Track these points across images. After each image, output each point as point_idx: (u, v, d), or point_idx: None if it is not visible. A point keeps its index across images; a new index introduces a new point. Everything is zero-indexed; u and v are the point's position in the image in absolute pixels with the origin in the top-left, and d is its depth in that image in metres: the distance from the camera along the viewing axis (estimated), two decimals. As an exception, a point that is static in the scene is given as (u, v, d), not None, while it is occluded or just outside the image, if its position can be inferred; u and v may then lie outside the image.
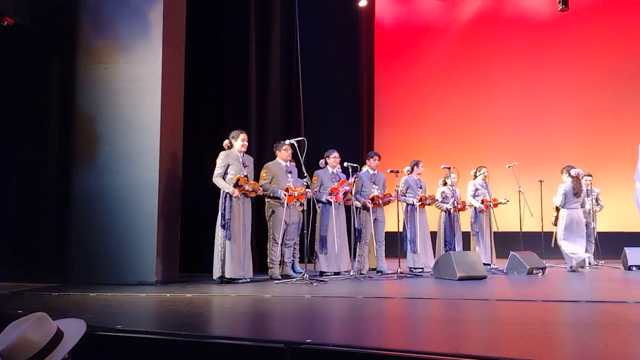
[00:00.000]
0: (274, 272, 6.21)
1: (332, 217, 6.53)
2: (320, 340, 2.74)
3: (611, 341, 2.87)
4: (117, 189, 5.59)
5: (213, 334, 3.02)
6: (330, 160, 6.78)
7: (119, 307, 4.00)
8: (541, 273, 6.85)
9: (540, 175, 8.92)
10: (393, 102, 12.09)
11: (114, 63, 5.78)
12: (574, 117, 11.14)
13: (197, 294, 4.72)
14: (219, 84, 7.32)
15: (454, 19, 12.13)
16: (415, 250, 7.23)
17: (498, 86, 11.68)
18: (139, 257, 5.47)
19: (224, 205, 5.65)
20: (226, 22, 7.43)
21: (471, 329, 3.21)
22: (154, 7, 5.77)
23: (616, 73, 11.20)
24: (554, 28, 11.62)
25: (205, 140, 6.89)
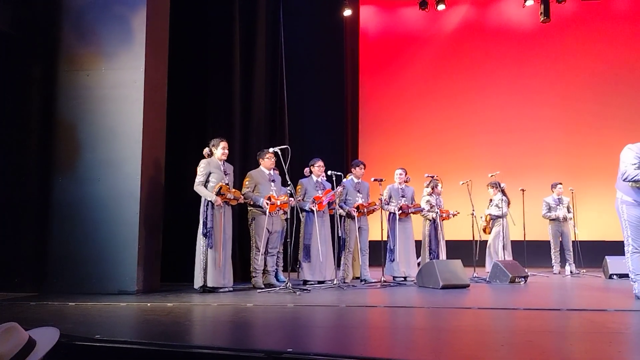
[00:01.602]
0: (256, 281, 6.17)
1: (316, 225, 6.52)
2: (301, 349, 2.71)
3: (591, 349, 2.88)
4: (98, 196, 5.53)
5: (193, 344, 2.99)
6: (314, 169, 6.78)
7: (99, 317, 3.94)
8: (523, 282, 6.88)
9: (522, 185, 8.99)
10: (377, 111, 12.14)
11: (96, 70, 5.73)
12: (555, 127, 11.28)
13: (178, 303, 4.67)
14: (203, 92, 7.30)
15: (438, 29, 12.25)
16: (393, 259, 7.21)
17: (481, 96, 11.80)
18: (119, 266, 5.40)
19: (205, 214, 5.61)
20: (210, 30, 7.42)
21: (453, 337, 3.20)
22: (137, 14, 5.74)
23: (597, 84, 11.38)
24: (536, 39, 11.79)
25: (188, 148, 6.85)
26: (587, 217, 9.77)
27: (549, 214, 8.93)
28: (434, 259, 7.40)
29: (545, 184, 9.33)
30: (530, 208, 9.08)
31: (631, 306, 4.48)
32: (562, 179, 9.19)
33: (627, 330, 3.43)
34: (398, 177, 7.53)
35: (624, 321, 3.82)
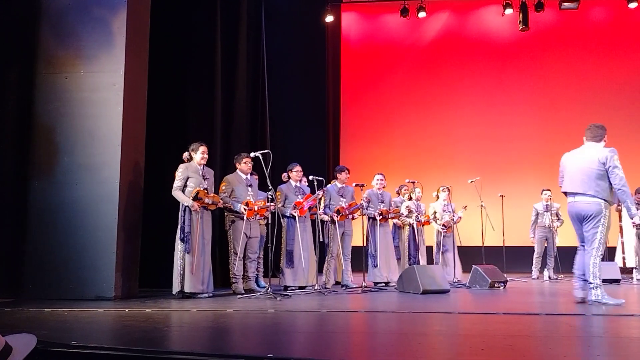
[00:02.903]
0: (237, 286, 6.13)
1: (298, 231, 6.50)
2: (282, 354, 2.69)
3: (570, 353, 2.91)
4: (76, 201, 5.45)
5: (171, 350, 2.94)
6: (292, 174, 6.76)
7: (75, 323, 3.87)
8: (502, 286, 6.94)
9: (501, 190, 9.09)
10: (359, 117, 12.18)
11: (75, 73, 5.66)
12: (534, 134, 11.41)
13: (156, 309, 4.61)
14: (184, 96, 7.24)
15: (419, 37, 12.35)
16: (376, 264, 7.23)
17: (461, 103, 11.90)
18: (97, 271, 5.32)
19: (183, 219, 5.56)
20: (192, 34, 7.38)
21: (434, 342, 3.21)
22: (117, 17, 5.69)
23: (575, 92, 11.56)
24: (515, 47, 11.95)
25: (168, 153, 6.79)
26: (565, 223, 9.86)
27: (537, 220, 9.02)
28: (414, 264, 7.43)
29: (524, 190, 9.45)
30: (509, 214, 9.17)
31: (609, 311, 4.53)
32: (541, 185, 9.29)
33: (605, 335, 3.47)
34: (378, 183, 7.55)
35: (601, 325, 3.87)
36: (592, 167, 4.94)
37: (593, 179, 4.93)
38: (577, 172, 5.03)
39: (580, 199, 5.00)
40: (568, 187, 5.11)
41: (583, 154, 5.10)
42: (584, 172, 4.98)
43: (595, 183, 4.92)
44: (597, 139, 5.11)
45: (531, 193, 9.54)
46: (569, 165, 5.17)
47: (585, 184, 4.95)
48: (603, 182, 4.92)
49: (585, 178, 4.96)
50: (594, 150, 5.04)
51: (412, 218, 7.76)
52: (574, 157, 5.15)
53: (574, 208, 5.06)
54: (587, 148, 5.12)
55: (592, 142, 5.12)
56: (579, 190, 4.99)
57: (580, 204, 5.00)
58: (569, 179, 5.11)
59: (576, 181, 5.02)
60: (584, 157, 5.05)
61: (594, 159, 4.96)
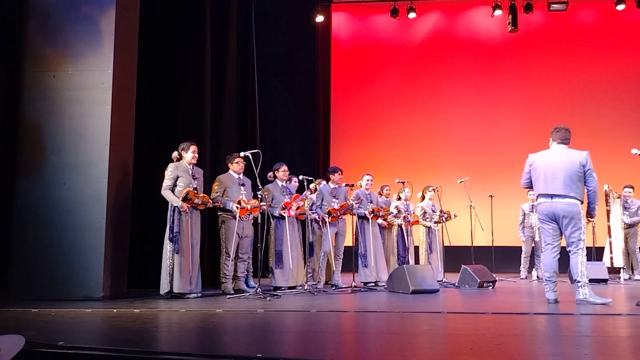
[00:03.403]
0: (226, 286, 6.10)
1: (287, 231, 6.49)
2: (271, 354, 2.69)
3: (558, 352, 2.92)
4: (64, 200, 5.41)
5: (160, 350, 2.93)
6: (279, 173, 6.74)
7: (62, 323, 3.83)
8: (491, 286, 6.97)
9: (490, 191, 9.13)
10: (349, 117, 12.19)
11: (62, 71, 5.61)
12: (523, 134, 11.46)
13: (145, 309, 4.58)
14: (173, 95, 7.20)
15: (409, 37, 12.37)
16: (366, 264, 7.23)
17: (451, 103, 11.94)
18: (85, 271, 5.29)
19: (172, 218, 5.53)
20: (181, 33, 7.34)
21: (423, 341, 3.21)
22: (106, 15, 5.65)
23: (563, 93, 11.64)
24: (504, 48, 12.01)
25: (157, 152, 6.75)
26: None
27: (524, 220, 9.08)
28: (402, 264, 7.44)
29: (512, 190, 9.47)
30: (498, 214, 9.22)
31: (597, 310, 4.56)
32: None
33: (593, 334, 3.49)
34: (367, 183, 7.55)
35: (589, 324, 3.90)
36: (574, 170, 5.02)
37: (575, 181, 5.02)
38: (558, 173, 5.06)
39: (560, 200, 5.04)
40: (548, 189, 5.11)
41: (560, 155, 5.13)
42: (566, 175, 5.03)
43: (576, 185, 5.02)
44: (566, 141, 5.20)
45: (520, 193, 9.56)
46: (542, 166, 5.18)
47: (568, 187, 5.01)
48: (581, 183, 5.05)
49: (567, 180, 5.02)
50: (571, 152, 5.11)
51: (401, 218, 7.77)
52: (550, 159, 5.17)
53: (551, 208, 5.09)
54: (561, 150, 5.17)
55: (562, 145, 5.18)
56: (561, 193, 5.03)
57: (561, 204, 5.04)
58: (547, 180, 5.11)
59: (558, 183, 5.05)
60: (563, 158, 5.09)
61: (575, 161, 5.03)
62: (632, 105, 11.42)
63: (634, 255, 8.73)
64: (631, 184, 8.68)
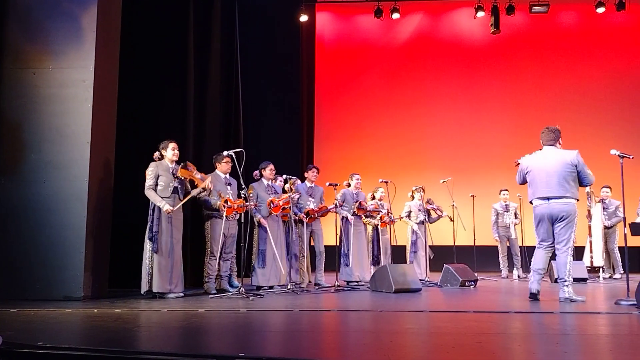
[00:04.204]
0: (209, 286, 6.07)
1: (270, 229, 6.47)
2: (254, 353, 2.67)
3: (539, 350, 2.95)
4: (44, 199, 5.34)
5: (141, 350, 2.90)
6: (265, 172, 6.71)
7: (42, 323, 3.78)
8: (473, 285, 7.03)
9: (472, 191, 9.21)
10: (332, 116, 12.20)
11: (43, 68, 5.54)
12: (505, 135, 11.58)
13: (126, 309, 4.54)
14: (156, 93, 7.13)
15: (392, 37, 12.41)
16: (348, 263, 7.23)
17: (434, 103, 12.01)
18: (65, 271, 5.23)
19: (152, 217, 5.48)
20: (164, 32, 7.28)
21: (405, 340, 3.23)
22: (87, 12, 5.59)
23: (544, 93, 11.77)
24: (487, 50, 12.10)
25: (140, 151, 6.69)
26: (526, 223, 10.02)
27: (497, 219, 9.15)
28: (376, 264, 7.47)
29: (495, 190, 9.56)
30: (479, 214, 9.30)
31: (576, 309, 4.62)
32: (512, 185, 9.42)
33: (573, 332, 3.54)
34: (356, 183, 7.55)
35: (569, 323, 3.94)
36: (566, 170, 5.10)
37: (569, 181, 5.10)
38: (551, 175, 5.14)
39: (556, 201, 5.13)
40: (543, 192, 5.18)
41: (551, 157, 5.21)
42: (559, 175, 5.11)
43: (570, 185, 5.11)
44: (553, 141, 5.28)
45: (501, 193, 9.66)
46: (537, 168, 5.26)
47: (563, 187, 5.10)
48: (574, 183, 5.14)
49: (562, 181, 5.10)
50: (562, 153, 5.18)
51: (377, 218, 7.78)
52: (542, 161, 5.25)
53: (549, 210, 5.16)
54: (550, 151, 5.26)
55: (550, 146, 5.26)
56: (558, 194, 5.11)
57: (557, 205, 5.12)
58: (544, 183, 5.18)
59: (553, 185, 5.13)
60: (554, 160, 5.17)
61: (567, 161, 5.11)
62: (611, 106, 11.59)
63: (614, 255, 8.86)
64: (609, 185, 8.81)
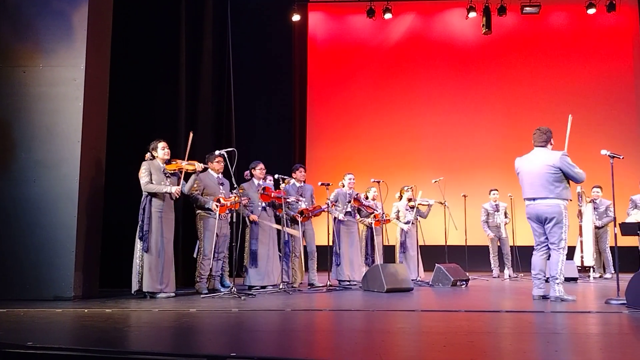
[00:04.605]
0: (200, 286, 6.05)
1: (262, 230, 6.45)
2: (245, 353, 2.66)
3: (529, 349, 2.97)
4: (34, 199, 5.30)
5: (132, 350, 2.89)
6: (256, 172, 6.68)
7: (31, 323, 3.75)
8: (465, 285, 7.04)
9: (464, 190, 9.23)
10: (325, 116, 12.20)
11: (33, 66, 5.50)
12: (496, 135, 11.63)
13: (117, 309, 4.51)
14: (147, 92, 7.10)
15: (385, 38, 12.43)
16: (339, 263, 7.22)
17: (426, 103, 12.03)
18: (55, 270, 5.19)
19: (142, 217, 5.45)
20: (156, 30, 7.24)
21: (397, 339, 3.23)
22: (78, 10, 5.55)
23: (535, 93, 11.82)
24: (478, 50, 12.14)
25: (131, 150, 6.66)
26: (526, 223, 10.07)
27: (488, 220, 9.17)
28: (370, 264, 7.47)
29: (486, 190, 9.59)
30: (471, 213, 9.32)
31: (567, 308, 4.64)
32: (503, 185, 9.47)
33: (563, 331, 3.55)
34: (349, 182, 7.54)
35: (560, 322, 3.96)
36: (547, 172, 5.18)
37: (551, 182, 5.16)
38: (534, 177, 5.25)
39: (541, 201, 5.22)
40: (529, 193, 5.31)
41: (536, 159, 5.31)
42: (541, 177, 5.21)
43: (553, 186, 5.16)
44: (544, 143, 5.36)
45: (493, 193, 9.70)
46: (524, 170, 5.38)
47: (547, 188, 5.17)
48: (559, 183, 5.17)
49: (545, 183, 5.18)
50: (545, 155, 5.27)
51: (371, 217, 7.78)
52: (529, 162, 5.36)
53: (534, 210, 5.27)
54: (538, 153, 5.36)
55: (540, 147, 5.34)
56: (540, 195, 5.21)
57: (541, 206, 5.21)
58: (528, 184, 5.32)
59: (536, 186, 5.24)
60: (537, 162, 5.27)
61: (548, 163, 5.19)
62: (602, 106, 11.66)
63: (605, 254, 8.92)
64: (599, 184, 8.86)
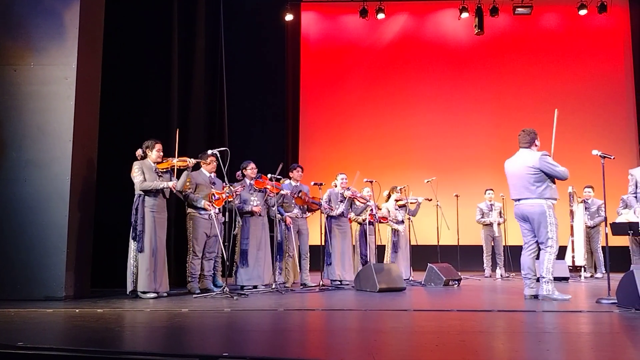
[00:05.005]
0: (192, 286, 6.04)
1: (254, 229, 6.44)
2: (237, 353, 2.66)
3: (521, 348, 2.98)
4: (25, 198, 5.26)
5: (123, 350, 2.87)
6: (247, 171, 6.66)
7: (22, 324, 3.73)
8: (457, 284, 7.07)
9: (456, 190, 9.26)
10: (318, 116, 12.20)
11: (24, 65, 5.47)
12: (489, 135, 11.67)
13: (109, 309, 4.49)
14: (139, 91, 7.06)
15: (378, 38, 12.44)
16: (330, 262, 7.21)
17: (419, 104, 12.06)
18: (46, 270, 5.15)
19: (135, 217, 5.42)
20: (148, 29, 7.20)
21: (389, 339, 3.23)
22: (70, 8, 5.52)
23: (527, 93, 11.87)
24: (471, 50, 12.18)
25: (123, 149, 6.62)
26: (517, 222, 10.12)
27: (482, 219, 9.20)
28: (365, 263, 7.48)
29: (478, 190, 9.63)
30: (463, 213, 9.35)
31: (558, 307, 4.67)
32: (495, 185, 9.50)
33: (555, 330, 3.57)
34: (341, 182, 7.54)
35: (551, 321, 3.98)
36: (527, 173, 5.27)
37: (532, 183, 5.25)
38: (517, 178, 5.37)
39: (524, 202, 5.33)
40: (513, 194, 5.45)
41: (518, 160, 5.42)
42: (522, 178, 5.31)
43: (534, 186, 5.25)
44: (527, 144, 5.44)
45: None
46: (509, 172, 5.50)
47: (527, 189, 5.28)
48: (540, 183, 5.25)
49: (526, 183, 5.28)
50: (526, 156, 5.36)
51: (364, 213, 7.79)
52: (512, 164, 5.47)
53: (519, 210, 5.39)
54: (521, 154, 5.45)
55: (524, 148, 5.41)
56: (523, 196, 5.32)
57: (524, 206, 5.33)
58: (512, 185, 5.46)
59: (517, 187, 5.37)
60: (519, 163, 5.38)
61: (528, 164, 5.29)
62: (593, 106, 11.74)
63: (596, 254, 8.97)
64: (591, 184, 8.91)
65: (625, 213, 8.53)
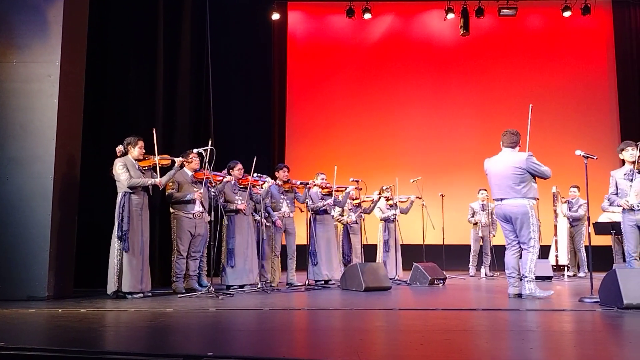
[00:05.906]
0: (177, 285, 6.00)
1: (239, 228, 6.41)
2: (222, 352, 2.65)
3: (505, 346, 3.00)
4: (6, 197, 5.21)
5: (106, 350, 2.84)
6: (234, 172, 6.62)
7: (3, 324, 3.68)
8: (442, 283, 7.10)
9: (442, 190, 9.30)
10: (304, 115, 12.18)
11: (6, 62, 5.41)
12: (473, 135, 11.72)
13: (92, 309, 4.45)
14: (124, 89, 7.00)
15: (364, 37, 12.46)
16: (315, 262, 7.20)
17: (404, 103, 12.09)
18: (29, 270, 5.10)
19: (121, 216, 5.36)
20: (133, 26, 7.15)
21: (374, 338, 3.24)
22: (53, 5, 5.46)
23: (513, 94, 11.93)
24: (457, 51, 12.24)
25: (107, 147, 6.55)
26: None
27: (472, 218, 9.25)
28: (348, 263, 7.48)
29: (463, 190, 9.70)
30: (448, 213, 9.39)
31: (542, 306, 4.71)
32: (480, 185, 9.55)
33: (538, 328, 3.60)
34: (321, 182, 7.53)
35: (534, 320, 4.02)
36: (513, 173, 5.30)
37: (517, 183, 5.29)
38: (501, 178, 5.39)
39: (507, 202, 5.36)
40: (497, 193, 5.46)
41: (503, 160, 5.44)
42: (506, 178, 5.34)
43: (520, 186, 5.28)
44: (513, 145, 5.48)
45: (470, 193, 9.79)
46: (492, 171, 5.51)
47: (512, 189, 5.31)
48: (525, 183, 5.30)
49: (510, 183, 5.31)
50: (512, 156, 5.39)
51: (346, 217, 7.79)
52: (496, 163, 5.49)
53: (502, 210, 5.42)
54: (505, 154, 5.48)
55: (508, 148, 5.46)
56: (507, 196, 5.34)
57: (507, 206, 5.35)
58: (495, 185, 5.46)
59: (502, 187, 5.38)
60: (504, 163, 5.40)
61: (514, 165, 5.32)
62: (577, 107, 11.85)
63: (580, 254, 9.05)
64: (577, 184, 8.99)
65: (611, 212, 8.64)
